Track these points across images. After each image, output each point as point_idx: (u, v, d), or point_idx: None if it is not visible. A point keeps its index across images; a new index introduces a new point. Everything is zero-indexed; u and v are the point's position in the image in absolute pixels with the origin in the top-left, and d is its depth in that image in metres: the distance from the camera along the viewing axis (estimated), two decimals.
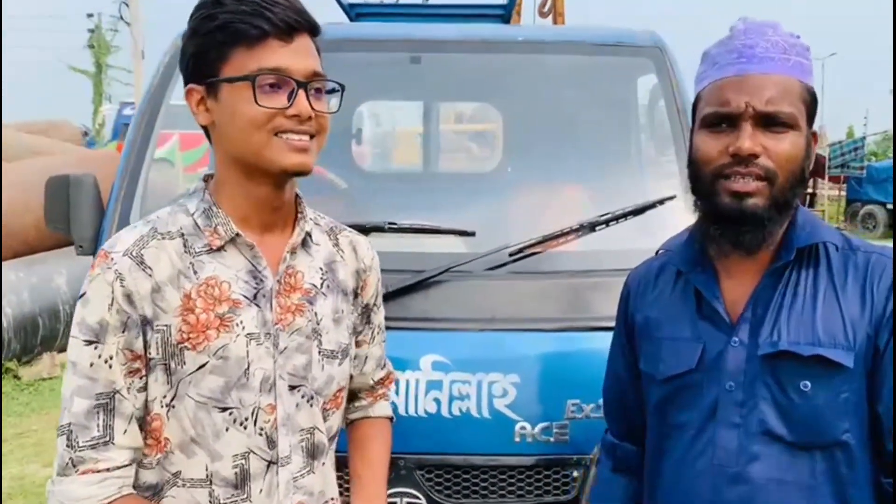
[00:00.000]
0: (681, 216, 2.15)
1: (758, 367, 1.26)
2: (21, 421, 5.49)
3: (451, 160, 5.49)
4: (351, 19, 3.31)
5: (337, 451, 1.41)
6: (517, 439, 1.90)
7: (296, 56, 1.18)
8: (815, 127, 1.31)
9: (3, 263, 6.17)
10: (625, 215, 2.12)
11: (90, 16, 29.76)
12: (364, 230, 2.14)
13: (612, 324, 1.99)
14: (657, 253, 1.51)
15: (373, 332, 1.48)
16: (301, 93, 1.18)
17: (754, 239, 1.26)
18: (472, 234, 2.13)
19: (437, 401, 1.90)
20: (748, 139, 1.21)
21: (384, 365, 1.55)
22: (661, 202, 2.14)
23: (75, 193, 2.26)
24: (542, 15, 14.98)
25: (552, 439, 1.90)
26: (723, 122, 1.25)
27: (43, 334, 6.36)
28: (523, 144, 2.83)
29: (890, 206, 18.69)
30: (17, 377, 6.24)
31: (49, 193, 2.30)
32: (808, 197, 22.94)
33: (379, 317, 1.49)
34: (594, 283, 2.06)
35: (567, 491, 1.92)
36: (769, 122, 1.23)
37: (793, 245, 1.28)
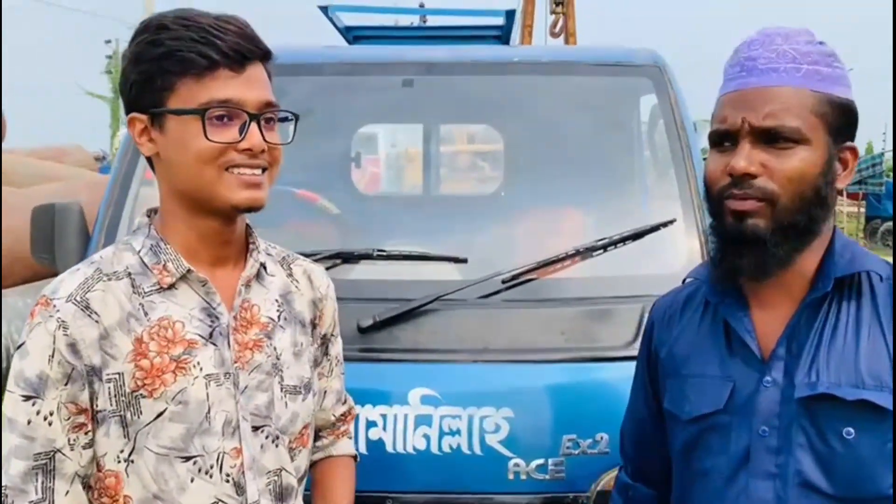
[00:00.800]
0: (681, 240, 2.08)
1: (794, 411, 1.14)
2: None
3: (462, 181, 5.44)
4: (349, 42, 3.28)
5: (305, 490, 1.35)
6: (511, 477, 1.81)
7: (247, 87, 1.12)
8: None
9: (11, 290, 6.16)
10: (623, 240, 2.04)
11: (108, 42, 30.24)
12: (352, 257, 2.09)
13: (611, 354, 1.92)
14: (684, 281, 1.39)
15: (331, 365, 1.41)
16: (253, 126, 1.12)
17: (752, 263, 1.15)
18: (465, 260, 2.06)
19: (427, 437, 1.82)
20: (743, 158, 1.12)
21: (345, 400, 1.48)
22: (661, 226, 2.06)
23: (61, 222, 2.22)
24: (554, 35, 14.98)
25: (547, 477, 1.81)
26: (725, 140, 1.17)
27: None
28: (521, 167, 2.77)
29: None
30: None
31: (34, 223, 2.26)
32: None
33: (336, 348, 1.42)
34: (592, 311, 1.99)
35: None
36: (770, 138, 1.13)
37: (830, 275, 1.16)
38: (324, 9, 3.01)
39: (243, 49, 1.11)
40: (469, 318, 1.97)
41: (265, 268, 1.26)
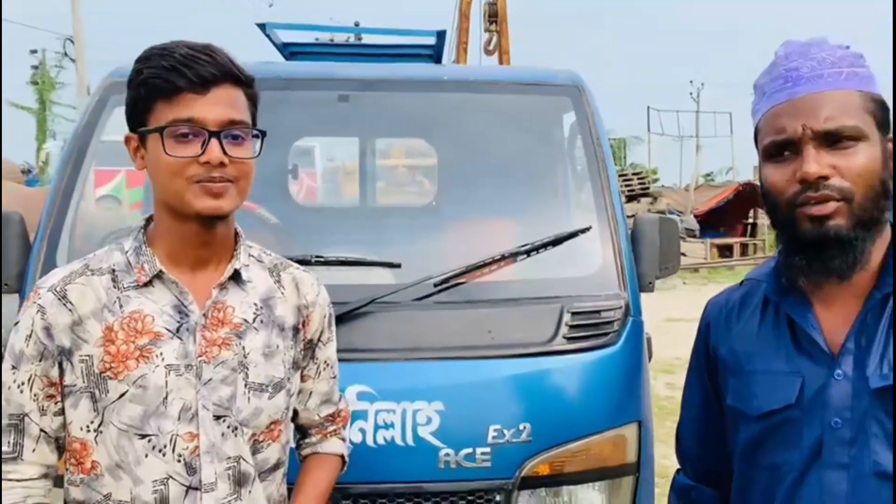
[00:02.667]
0: (596, 245, 2.26)
1: (868, 403, 1.16)
2: None
3: (396, 194, 5.56)
4: (286, 58, 3.38)
5: (289, 484, 1.48)
6: (441, 466, 1.94)
7: (209, 107, 1.25)
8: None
9: None
10: (544, 245, 2.20)
11: (33, 52, 29.33)
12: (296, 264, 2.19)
13: (533, 350, 2.07)
14: (741, 283, 1.40)
15: (317, 368, 1.52)
16: (213, 141, 1.25)
17: (844, 263, 1.17)
18: (398, 265, 2.18)
19: (363, 430, 1.94)
20: (813, 162, 1.15)
21: (336, 401, 1.59)
22: (578, 233, 2.23)
23: (2, 231, 2.26)
24: (488, 53, 15.22)
25: (475, 464, 1.95)
26: (784, 150, 1.19)
27: None
28: (451, 179, 2.92)
29: None
30: None
31: None
32: (748, 227, 23.64)
33: (325, 353, 1.53)
34: (516, 311, 2.14)
35: None
36: (833, 139, 1.16)
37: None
38: (262, 26, 3.12)
39: (207, 74, 1.25)
40: (402, 320, 2.09)
41: (242, 274, 1.37)
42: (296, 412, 1.52)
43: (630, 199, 19.10)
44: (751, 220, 22.89)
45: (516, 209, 2.46)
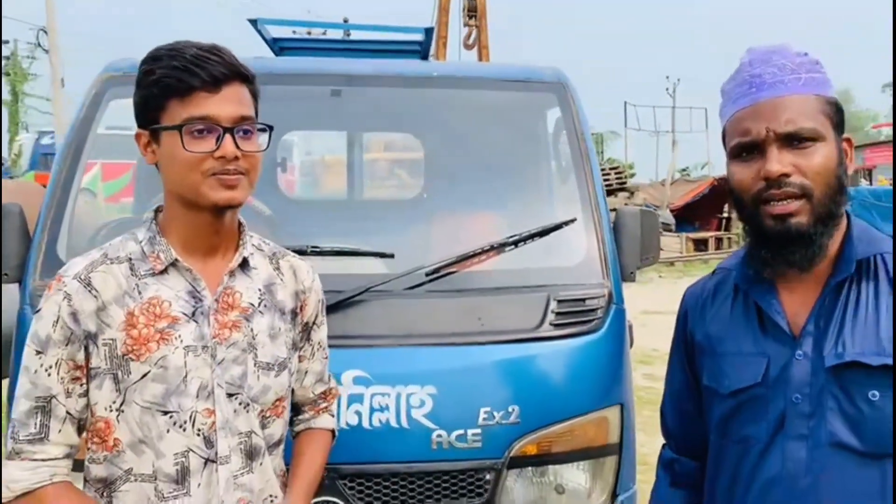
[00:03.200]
0: (581, 236, 2.36)
1: (824, 379, 1.27)
2: None
3: (382, 188, 5.63)
4: (276, 54, 3.43)
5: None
6: (434, 446, 2.03)
7: (222, 104, 1.34)
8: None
9: None
10: (531, 236, 2.30)
11: (5, 42, 28.90)
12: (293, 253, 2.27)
13: (521, 336, 2.17)
14: (713, 272, 1.52)
15: (312, 349, 1.62)
16: (227, 137, 1.33)
17: (804, 257, 1.28)
18: (391, 256, 2.26)
19: (359, 413, 2.03)
20: (776, 162, 1.25)
21: (327, 381, 1.69)
22: (563, 225, 2.32)
23: (2, 223, 2.30)
24: (467, 47, 15.24)
25: (466, 445, 2.04)
26: (749, 150, 1.29)
27: None
28: (440, 173, 3.00)
29: None
30: None
31: None
32: (723, 221, 23.95)
33: (319, 335, 1.63)
34: (504, 299, 2.23)
35: (480, 493, 2.06)
36: (793, 140, 1.26)
37: (851, 258, 1.30)
38: (253, 21, 3.17)
39: (218, 73, 1.33)
40: (396, 307, 2.17)
41: (249, 261, 1.46)
42: (292, 391, 1.60)
43: (608, 193, 19.23)
44: (725, 215, 23.17)
45: (504, 202, 2.54)
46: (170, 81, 1.33)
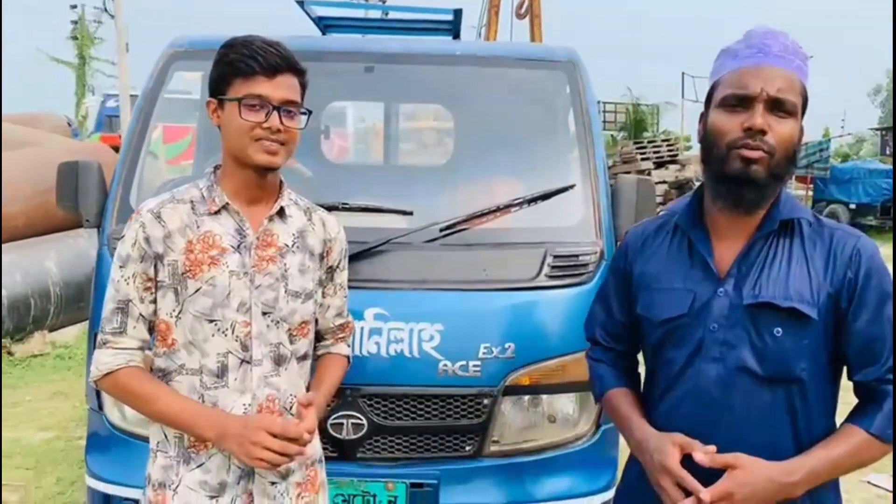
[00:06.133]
0: (579, 200, 2.66)
1: (740, 314, 1.50)
2: (15, 392, 5.91)
3: (415, 154, 5.96)
4: (322, 31, 3.78)
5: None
6: (440, 374, 2.38)
7: (275, 88, 1.69)
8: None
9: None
10: (534, 199, 2.62)
11: (73, 7, 29.81)
12: (322, 209, 2.62)
13: (519, 285, 2.49)
14: (658, 215, 1.75)
15: (335, 288, 1.98)
16: (275, 113, 1.69)
17: (752, 200, 1.50)
18: (411, 213, 2.61)
19: (378, 344, 2.39)
20: (760, 117, 1.44)
21: (345, 315, 2.05)
22: (563, 190, 2.63)
23: (83, 177, 2.71)
24: (519, 16, 15.24)
25: (468, 374, 2.39)
26: (739, 102, 1.47)
27: (35, 314, 6.76)
28: (461, 142, 3.32)
29: (852, 206, 19.34)
30: (10, 353, 6.65)
31: (60, 177, 2.74)
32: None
33: (340, 277, 1.99)
34: (507, 253, 2.55)
35: (479, 415, 2.42)
36: (777, 107, 1.46)
37: (776, 218, 1.53)
38: (300, 2, 3.51)
39: (275, 63, 1.68)
40: (412, 258, 2.52)
41: (285, 211, 1.82)
42: (316, 321, 1.96)
43: (658, 165, 18.99)
44: None
45: (512, 169, 2.85)
46: (239, 65, 1.67)
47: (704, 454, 1.46)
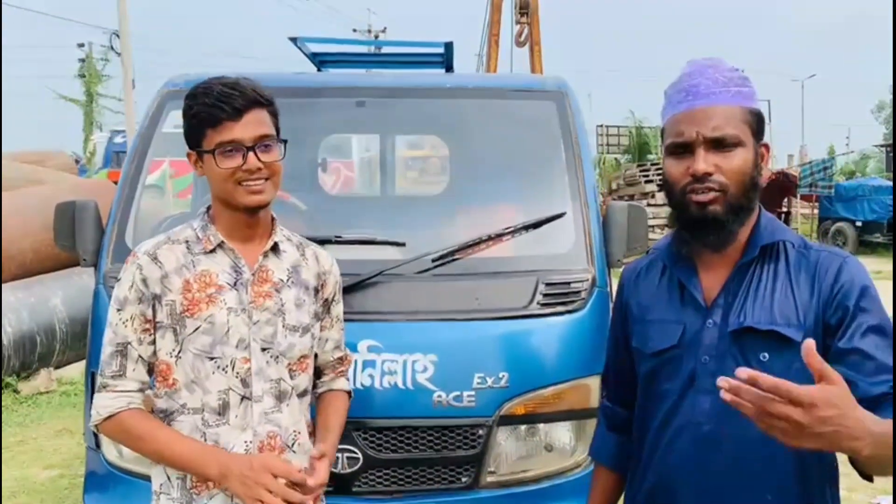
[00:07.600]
0: (569, 229, 2.68)
1: (727, 343, 1.49)
2: (21, 430, 5.92)
3: (412, 182, 6.01)
4: (317, 67, 3.84)
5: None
6: (434, 405, 2.39)
7: (244, 128, 1.72)
8: (767, 139, 1.58)
9: (3, 285, 6.60)
10: (525, 228, 2.64)
11: (81, 46, 30.31)
12: (317, 242, 2.65)
13: (512, 314, 2.51)
14: (648, 252, 1.77)
15: (331, 321, 2.00)
16: (250, 154, 1.72)
17: (717, 239, 1.51)
18: (403, 244, 2.63)
19: (371, 376, 2.40)
20: (701, 162, 1.47)
21: (343, 348, 2.06)
22: (554, 218, 2.65)
23: (80, 216, 2.75)
24: (519, 44, 15.39)
25: (462, 405, 2.39)
26: (682, 149, 1.50)
27: (40, 351, 6.78)
28: (455, 172, 3.35)
29: (858, 224, 19.21)
30: (16, 391, 6.66)
31: (58, 216, 2.78)
32: (782, 215, 23.47)
33: (336, 310, 2.01)
34: (499, 282, 2.57)
35: (474, 446, 2.42)
36: (718, 144, 1.47)
37: (757, 244, 1.53)
38: (293, 39, 3.57)
39: (238, 105, 1.71)
40: (405, 288, 2.53)
41: (279, 247, 1.85)
42: (315, 355, 1.97)
43: (662, 187, 19.03)
44: (785, 209, 22.73)
45: (504, 197, 2.88)
46: (203, 115, 1.71)
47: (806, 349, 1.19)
